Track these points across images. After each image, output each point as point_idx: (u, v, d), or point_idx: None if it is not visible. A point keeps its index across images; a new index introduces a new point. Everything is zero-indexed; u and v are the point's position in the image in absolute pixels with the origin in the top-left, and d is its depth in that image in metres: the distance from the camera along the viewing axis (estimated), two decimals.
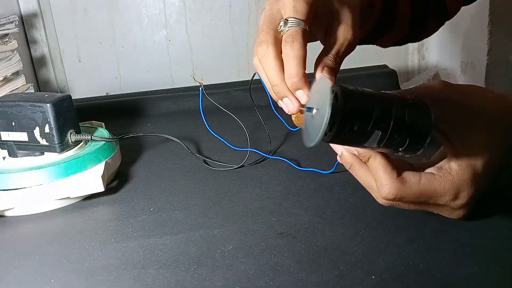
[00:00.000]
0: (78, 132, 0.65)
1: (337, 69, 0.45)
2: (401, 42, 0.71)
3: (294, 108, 0.44)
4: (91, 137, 0.65)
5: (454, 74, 1.31)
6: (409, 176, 0.42)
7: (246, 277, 0.43)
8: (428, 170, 0.44)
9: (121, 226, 0.54)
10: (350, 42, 0.46)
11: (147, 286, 0.43)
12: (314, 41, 0.52)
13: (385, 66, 1.09)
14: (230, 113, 0.72)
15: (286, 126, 0.69)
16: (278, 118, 0.67)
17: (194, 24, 1.30)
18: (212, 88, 0.99)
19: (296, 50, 0.43)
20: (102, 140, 0.66)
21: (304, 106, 0.42)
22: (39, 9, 1.22)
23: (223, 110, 0.72)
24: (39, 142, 0.62)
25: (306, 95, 0.43)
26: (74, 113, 0.65)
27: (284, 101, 0.45)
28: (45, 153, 0.63)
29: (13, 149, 0.63)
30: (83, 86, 1.31)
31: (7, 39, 0.92)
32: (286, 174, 0.64)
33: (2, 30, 0.92)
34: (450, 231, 0.47)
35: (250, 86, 0.64)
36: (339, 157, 0.45)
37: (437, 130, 0.43)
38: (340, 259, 0.44)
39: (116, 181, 0.66)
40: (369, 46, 0.70)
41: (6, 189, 0.58)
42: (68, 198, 0.59)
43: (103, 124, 0.76)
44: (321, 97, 0.38)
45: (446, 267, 0.42)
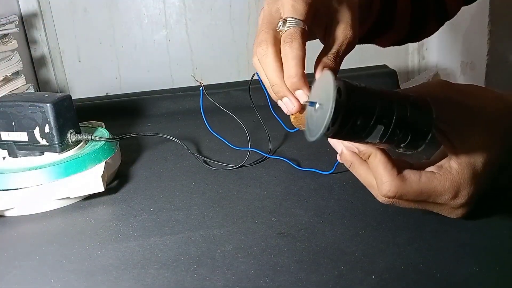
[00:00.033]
0: (78, 132, 0.65)
1: (337, 68, 0.45)
2: (401, 42, 0.71)
3: (293, 108, 0.44)
4: (91, 137, 0.65)
5: (454, 74, 1.31)
6: (409, 174, 0.42)
7: (246, 277, 0.43)
8: (428, 169, 0.44)
9: (121, 226, 0.54)
10: (350, 41, 0.46)
11: (147, 286, 0.43)
12: (313, 39, 0.51)
13: (385, 66, 1.09)
14: (230, 113, 0.72)
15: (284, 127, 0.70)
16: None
17: (194, 24, 1.30)
18: (212, 88, 0.98)
19: (295, 50, 0.43)
20: (102, 140, 0.66)
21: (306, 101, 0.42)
22: (39, 9, 1.22)
23: (223, 110, 0.72)
24: (39, 142, 0.62)
25: (306, 95, 0.43)
26: (74, 113, 0.65)
27: (283, 101, 0.44)
28: (45, 153, 0.63)
29: (13, 149, 0.63)
30: (83, 86, 1.31)
31: (7, 39, 0.92)
32: (286, 174, 0.64)
33: (2, 30, 0.92)
34: (450, 231, 0.47)
35: (249, 86, 0.64)
36: (339, 155, 0.45)
37: (437, 129, 0.43)
38: (340, 259, 0.44)
39: (116, 181, 0.66)
40: (369, 46, 0.70)
41: (6, 189, 0.58)
42: (68, 198, 0.59)
43: (103, 124, 0.76)
44: (324, 92, 0.38)
45: (446, 267, 0.42)
